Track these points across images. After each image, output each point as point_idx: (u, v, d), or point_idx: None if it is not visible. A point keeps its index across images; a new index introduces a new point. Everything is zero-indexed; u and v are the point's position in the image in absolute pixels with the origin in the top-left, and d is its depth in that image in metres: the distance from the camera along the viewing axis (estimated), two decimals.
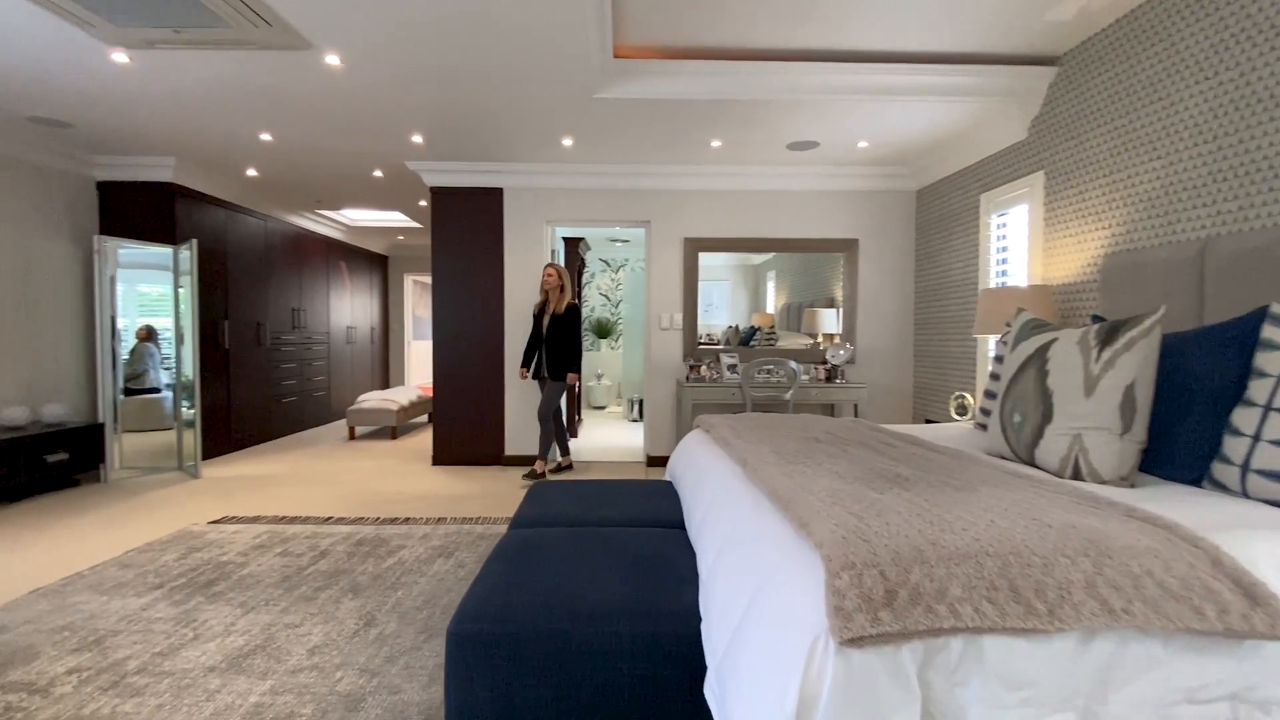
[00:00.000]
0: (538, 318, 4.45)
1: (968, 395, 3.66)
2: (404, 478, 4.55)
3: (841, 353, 4.72)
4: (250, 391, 5.71)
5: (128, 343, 4.59)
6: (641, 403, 7.25)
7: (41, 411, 4.16)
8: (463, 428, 4.95)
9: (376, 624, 2.22)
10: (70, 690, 1.79)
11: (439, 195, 4.87)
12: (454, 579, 2.64)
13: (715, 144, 4.22)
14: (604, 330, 8.45)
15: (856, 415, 4.55)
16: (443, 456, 4.96)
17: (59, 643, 2.06)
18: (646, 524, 2.12)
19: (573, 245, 6.00)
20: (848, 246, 4.91)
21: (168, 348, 4.74)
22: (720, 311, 5.10)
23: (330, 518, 3.51)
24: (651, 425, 4.98)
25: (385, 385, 8.87)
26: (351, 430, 6.22)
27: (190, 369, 4.66)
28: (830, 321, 4.98)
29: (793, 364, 4.21)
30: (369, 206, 6.38)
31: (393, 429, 6.24)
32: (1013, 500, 1.29)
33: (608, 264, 8.56)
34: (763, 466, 1.68)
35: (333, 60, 2.98)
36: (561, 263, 5.60)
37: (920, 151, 4.35)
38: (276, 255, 6.12)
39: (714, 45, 3.14)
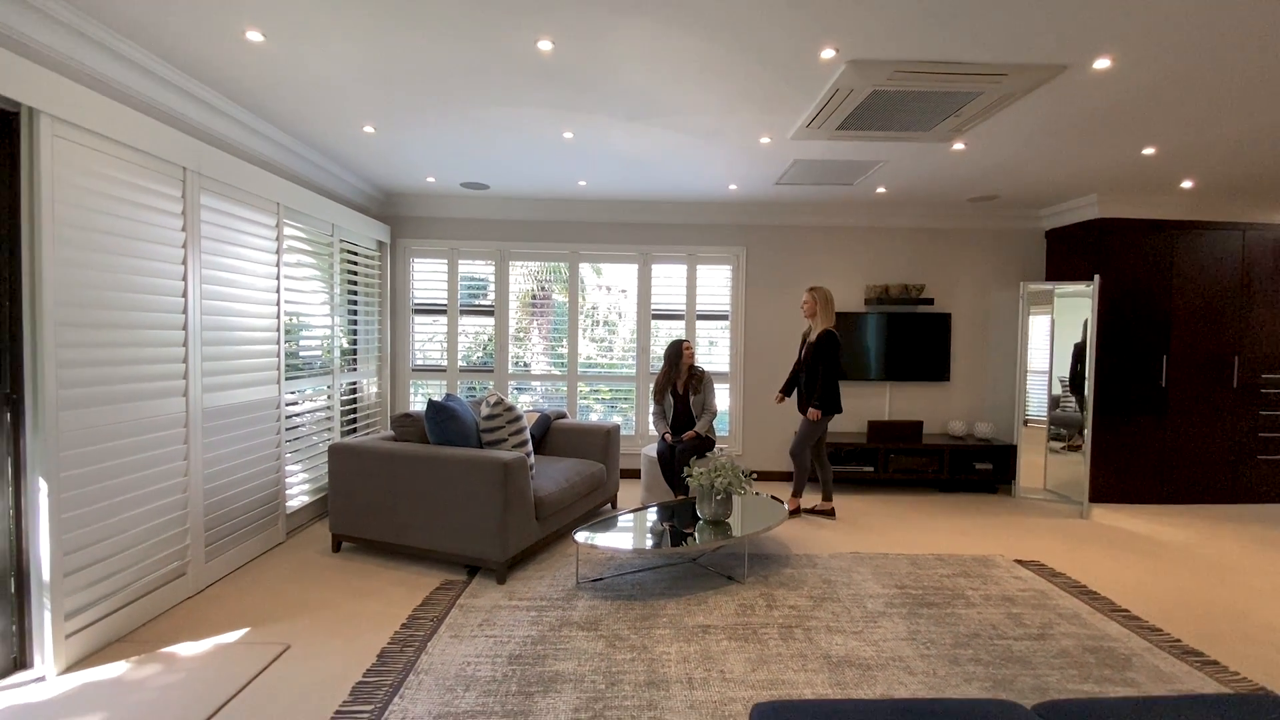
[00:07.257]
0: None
1: None
2: None
3: None
4: (1199, 439, 4.81)
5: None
6: None
7: (974, 428, 5.24)
8: None
9: None
10: (778, 616, 2.72)
11: None
12: None
13: None
14: None
15: None
16: None
17: (814, 590, 3.02)
18: None
19: None
20: None
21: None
22: None
23: (1120, 609, 2.86)
24: None
25: None
26: None
27: (1089, 405, 4.56)
28: None
29: None
30: None
31: None
32: None
33: None
34: None
35: (1102, 64, 2.47)
36: None
37: None
38: (1258, 271, 4.76)
39: None
